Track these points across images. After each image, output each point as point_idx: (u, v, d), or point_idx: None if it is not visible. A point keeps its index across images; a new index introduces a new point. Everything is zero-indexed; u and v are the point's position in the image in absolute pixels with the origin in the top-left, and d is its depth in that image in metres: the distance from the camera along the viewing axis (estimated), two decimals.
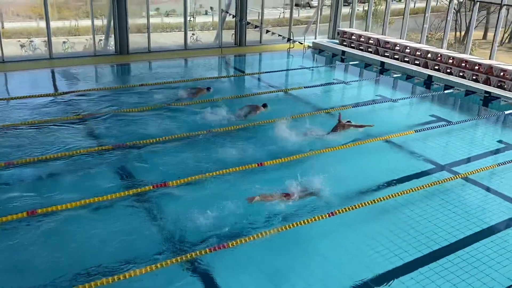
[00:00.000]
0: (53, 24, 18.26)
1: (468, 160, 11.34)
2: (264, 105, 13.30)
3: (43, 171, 9.68)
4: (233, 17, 21.47)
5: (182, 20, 20.73)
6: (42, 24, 18.03)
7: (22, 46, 18.50)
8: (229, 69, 19.81)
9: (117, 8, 18.80)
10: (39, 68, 17.08)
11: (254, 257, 7.48)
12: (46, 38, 18.12)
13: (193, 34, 21.83)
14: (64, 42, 19.23)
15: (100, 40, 19.68)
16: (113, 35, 19.32)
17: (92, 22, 18.75)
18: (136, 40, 19.91)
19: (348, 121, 12.21)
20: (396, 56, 20.12)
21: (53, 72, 17.00)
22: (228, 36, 22.21)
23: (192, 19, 21.99)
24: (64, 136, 11.33)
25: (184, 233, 7.89)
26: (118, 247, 7.51)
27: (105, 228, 7.94)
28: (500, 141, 12.64)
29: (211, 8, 23.03)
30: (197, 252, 7.26)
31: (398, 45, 20.13)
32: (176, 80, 16.06)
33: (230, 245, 7.44)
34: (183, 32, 20.80)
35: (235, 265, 7.28)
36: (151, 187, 9.08)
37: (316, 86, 16.44)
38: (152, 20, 20.38)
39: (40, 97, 13.76)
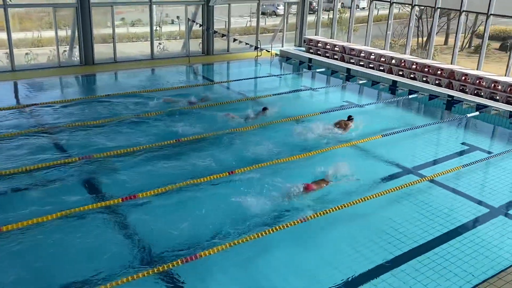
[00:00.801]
0: (15, 35, 17.83)
1: (434, 162, 11.60)
2: (264, 109, 14.08)
3: (8, 186, 9.39)
4: (200, 26, 21.45)
5: (148, 29, 20.58)
6: (3, 35, 17.57)
7: None
8: (197, 77, 19.75)
9: (81, 18, 18.52)
10: (1, 81, 16.61)
11: (227, 266, 7.43)
12: (7, 50, 17.67)
13: (159, 43, 21.69)
14: (26, 54, 18.77)
15: (65, 51, 19.32)
16: (77, 46, 19.01)
17: (56, 32, 18.40)
18: (101, 50, 19.64)
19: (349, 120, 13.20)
20: (361, 63, 20.49)
21: (15, 85, 16.56)
22: (196, 45, 22.17)
23: (158, 28, 21.85)
24: (28, 149, 11.04)
25: (155, 245, 7.79)
26: (87, 262, 7.35)
27: (72, 243, 7.76)
28: (463, 143, 13.00)
29: (178, 17, 22.94)
30: (169, 264, 7.16)
31: (363, 52, 20.52)
32: (142, 90, 15.90)
33: (202, 255, 7.37)
34: (150, 42, 20.66)
35: (207, 276, 7.22)
36: (120, 199, 8.93)
37: (284, 93, 16.56)
38: (117, 30, 20.15)
39: (2, 110, 13.38)
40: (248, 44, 20.81)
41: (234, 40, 21.07)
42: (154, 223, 8.37)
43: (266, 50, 21.44)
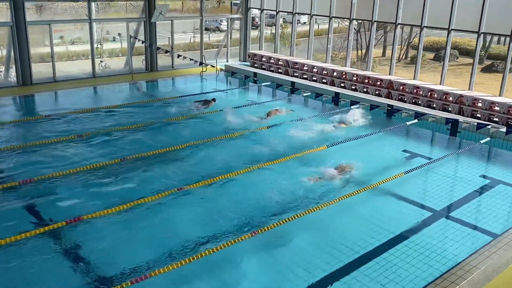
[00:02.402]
0: None
1: (377, 170, 11.92)
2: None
3: None
4: (142, 43, 21.21)
5: (88, 47, 20.11)
6: None
7: None
8: (140, 95, 19.43)
9: (17, 37, 17.83)
10: None
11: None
12: None
13: (101, 61, 21.22)
14: None
15: (0, 71, 18.50)
16: (14, 66, 18.25)
17: None
18: (40, 70, 18.97)
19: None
20: (304, 76, 20.93)
21: None
22: (139, 62, 21.86)
23: (99, 46, 21.39)
24: None
25: (102, 267, 7.53)
26: None
27: (14, 270, 7.36)
28: (404, 150, 13.49)
29: (119, 34, 22.57)
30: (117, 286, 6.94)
31: (306, 65, 20.98)
32: (82, 110, 15.45)
33: (148, 276, 7.20)
34: (91, 60, 20.18)
35: None
36: (64, 223, 8.59)
37: (231, 108, 16.60)
38: (56, 49, 19.56)
39: None
40: (192, 59, 20.77)
41: (178, 56, 20.96)
42: (100, 245, 8.11)
43: (211, 66, 21.48)
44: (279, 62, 22.10)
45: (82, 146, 12.48)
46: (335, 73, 19.86)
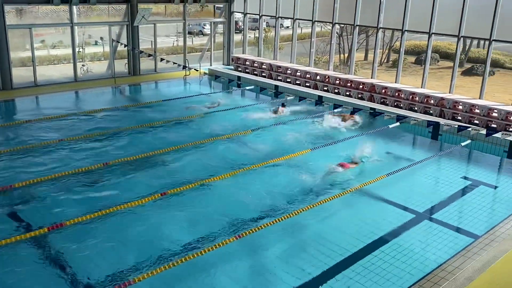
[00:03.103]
0: None
1: (359, 173, 12.01)
2: (283, 105, 17.03)
3: None
4: (125, 46, 21.06)
5: (70, 51, 19.89)
6: None
7: None
8: (123, 99, 19.29)
9: None
10: None
11: None
12: None
13: (83, 65, 21.01)
14: None
15: None
16: None
17: None
18: (20, 74, 18.70)
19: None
20: (288, 80, 21.02)
21: None
22: (122, 66, 21.70)
23: (81, 50, 21.18)
24: None
25: (85, 274, 7.45)
26: None
27: None
28: (387, 153, 13.62)
29: (101, 38, 22.38)
30: None
31: (289, 69, 21.07)
32: (64, 114, 15.28)
33: (131, 282, 7.14)
34: (72, 64, 19.96)
35: None
36: (46, 229, 8.48)
37: (215, 111, 16.59)
38: (37, 53, 19.32)
39: None
40: (176, 63, 20.70)
41: (161, 59, 20.88)
42: (83, 251, 8.02)
43: (195, 69, 21.43)
44: (263, 66, 22.16)
45: (64, 151, 12.33)
46: (318, 77, 19.98)
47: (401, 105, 17.41)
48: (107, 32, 21.09)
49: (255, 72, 22.31)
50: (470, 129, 14.15)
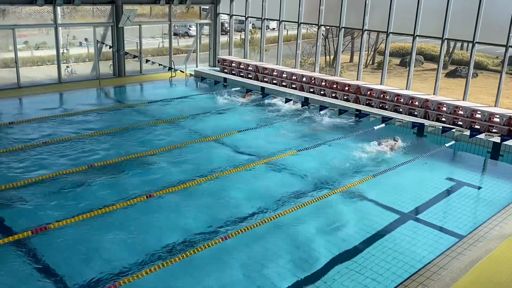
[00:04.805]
0: None
1: (344, 173, 12.05)
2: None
3: None
4: (109, 48, 20.90)
5: (54, 52, 19.68)
6: None
7: None
8: (108, 100, 19.12)
9: None
10: None
11: None
12: None
13: (67, 66, 20.80)
14: None
15: None
16: None
17: None
18: (3, 75, 18.45)
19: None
20: (274, 81, 21.05)
21: None
22: (106, 67, 21.53)
23: (65, 51, 20.97)
24: None
25: (68, 277, 7.36)
26: None
27: None
28: (371, 154, 13.67)
29: (86, 39, 22.19)
30: None
31: (275, 71, 21.10)
32: (47, 116, 15.09)
33: (117, 285, 7.08)
34: (56, 65, 19.75)
35: None
36: (30, 232, 8.36)
37: (201, 113, 16.54)
38: (20, 54, 19.07)
39: None
40: (161, 65, 20.59)
41: (147, 61, 20.77)
42: (66, 254, 7.92)
43: (180, 71, 21.35)
44: (249, 68, 22.16)
45: (48, 154, 12.18)
46: (304, 79, 20.04)
47: (386, 107, 17.54)
48: (91, 33, 20.91)
49: (241, 74, 22.30)
50: (454, 130, 14.30)
